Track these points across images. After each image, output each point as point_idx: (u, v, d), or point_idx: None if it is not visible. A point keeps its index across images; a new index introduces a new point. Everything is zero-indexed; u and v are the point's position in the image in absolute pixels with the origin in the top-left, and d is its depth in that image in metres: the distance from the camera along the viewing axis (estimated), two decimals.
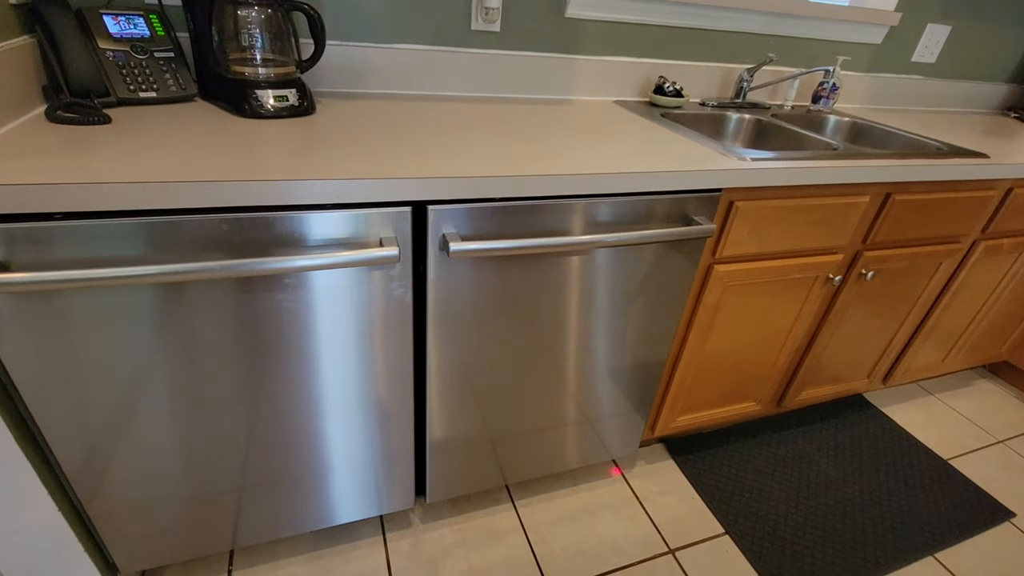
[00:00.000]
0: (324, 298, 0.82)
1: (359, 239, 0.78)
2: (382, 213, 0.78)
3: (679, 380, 1.25)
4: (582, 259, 0.95)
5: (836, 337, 1.39)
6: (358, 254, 0.75)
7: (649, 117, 1.27)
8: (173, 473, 0.89)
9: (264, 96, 0.94)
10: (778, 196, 1.04)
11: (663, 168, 0.91)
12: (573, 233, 0.91)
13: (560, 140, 1.00)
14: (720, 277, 1.10)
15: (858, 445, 1.59)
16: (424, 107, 1.14)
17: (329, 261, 0.73)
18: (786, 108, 1.55)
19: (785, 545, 1.27)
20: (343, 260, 0.74)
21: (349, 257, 0.74)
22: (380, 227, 0.79)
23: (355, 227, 0.77)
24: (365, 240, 0.79)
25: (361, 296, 0.84)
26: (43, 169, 0.64)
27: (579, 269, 0.96)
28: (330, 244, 0.77)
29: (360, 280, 0.82)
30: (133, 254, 0.68)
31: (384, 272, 0.83)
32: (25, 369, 0.71)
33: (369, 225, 0.78)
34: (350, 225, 0.77)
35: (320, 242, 0.76)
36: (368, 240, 0.79)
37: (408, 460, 1.08)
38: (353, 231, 0.77)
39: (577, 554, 1.20)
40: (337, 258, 0.74)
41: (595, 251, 0.95)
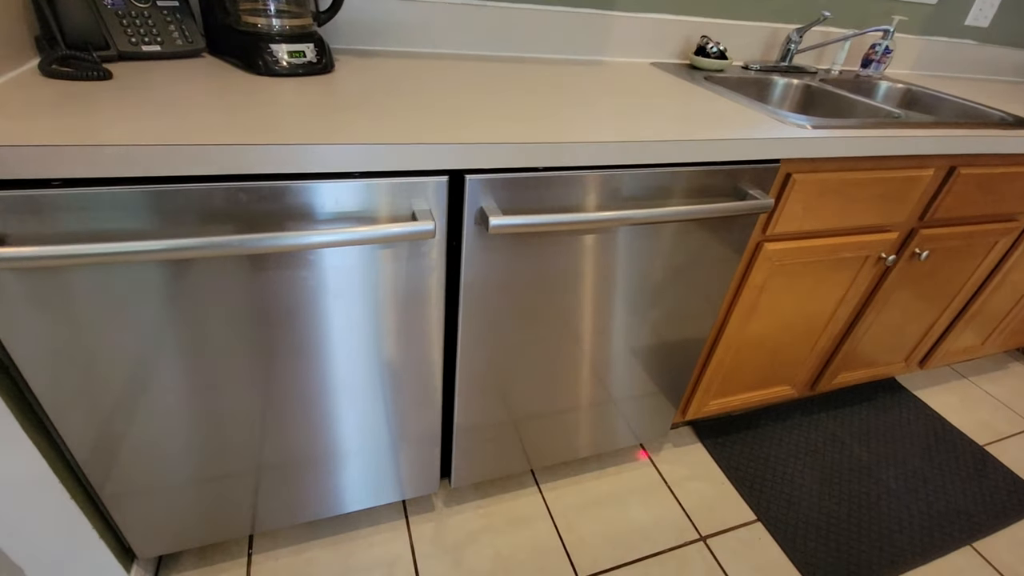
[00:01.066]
0: (348, 276, 0.75)
1: (388, 212, 0.71)
2: (414, 183, 0.70)
3: (716, 363, 1.19)
4: (623, 234, 0.87)
5: (879, 320, 1.32)
6: (390, 229, 0.67)
7: (691, 80, 1.17)
8: (188, 457, 0.84)
9: (279, 51, 0.85)
10: (838, 168, 0.96)
11: (719, 136, 0.82)
12: (618, 206, 0.83)
13: (601, 105, 0.91)
14: (769, 256, 1.02)
15: (891, 430, 1.53)
16: (449, 67, 1.04)
17: (357, 236, 0.66)
18: (833, 73, 1.44)
19: (820, 533, 1.23)
20: (373, 235, 0.67)
21: (380, 232, 0.67)
22: (411, 198, 0.71)
23: (383, 198, 0.70)
24: (394, 213, 0.71)
25: (388, 274, 0.77)
26: (38, 130, 0.56)
27: (619, 245, 0.89)
28: (356, 217, 0.70)
29: (387, 257, 0.75)
30: (140, 226, 0.61)
31: (415, 248, 0.76)
32: (27, 349, 0.65)
33: (397, 196, 0.70)
34: (378, 196, 0.69)
35: (345, 214, 0.69)
36: (398, 213, 0.71)
37: (434, 443, 1.03)
38: (381, 203, 0.70)
39: (606, 541, 1.16)
40: (366, 233, 0.66)
41: (636, 227, 0.87)
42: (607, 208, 0.82)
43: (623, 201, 0.83)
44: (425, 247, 0.76)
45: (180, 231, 0.63)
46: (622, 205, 0.83)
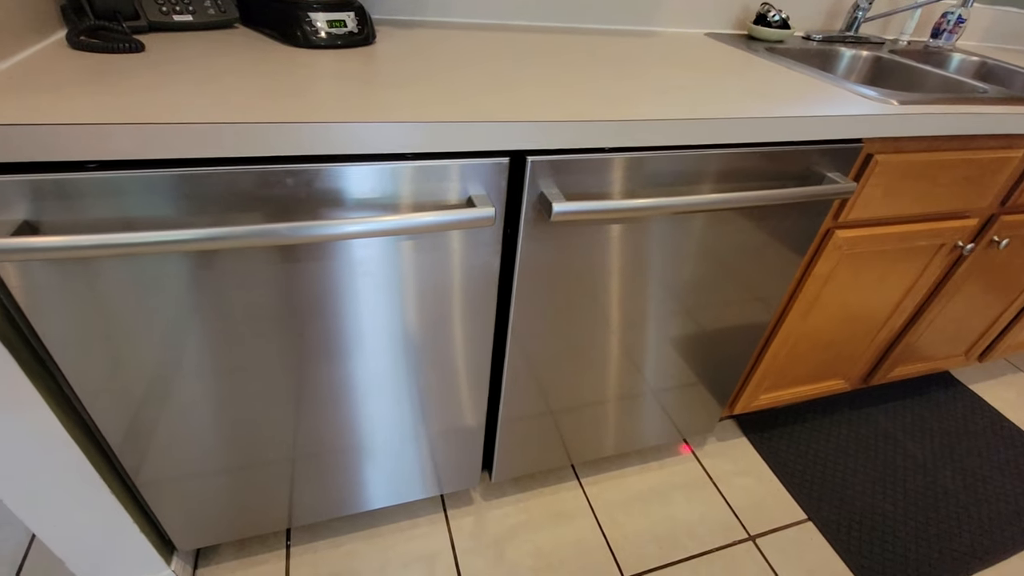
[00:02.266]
0: (395, 265, 0.70)
1: (440, 197, 0.65)
2: (470, 165, 0.64)
3: (771, 356, 1.12)
4: (686, 221, 0.81)
5: (945, 312, 1.24)
6: (449, 216, 0.61)
7: (752, 52, 1.08)
8: (225, 448, 0.81)
9: (318, 20, 0.79)
10: (924, 149, 0.87)
11: (798, 113, 0.74)
12: (684, 190, 0.76)
13: (660, 79, 0.84)
14: (839, 244, 0.94)
15: (946, 426, 1.46)
16: (493, 38, 0.97)
17: (414, 223, 0.60)
18: (902, 43, 1.33)
19: (874, 534, 1.17)
20: (431, 222, 0.61)
21: (438, 219, 0.61)
22: (465, 182, 0.65)
23: (437, 182, 0.64)
24: (447, 198, 0.65)
25: (438, 264, 0.71)
26: (72, 107, 0.51)
27: (680, 233, 0.82)
28: (406, 203, 0.64)
29: (438, 246, 0.70)
30: (179, 212, 0.56)
31: (469, 236, 0.70)
32: (62, 340, 0.61)
33: (447, 180, 0.64)
34: (431, 179, 0.63)
35: (395, 200, 0.63)
36: (449, 199, 0.66)
37: (478, 437, 0.99)
38: (434, 187, 0.64)
39: (651, 539, 1.12)
40: (424, 220, 0.61)
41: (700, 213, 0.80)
42: (671, 192, 0.75)
43: (690, 185, 0.76)
44: (481, 235, 0.70)
45: (223, 217, 0.58)
46: (689, 189, 0.76)
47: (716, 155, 0.74)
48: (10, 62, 0.61)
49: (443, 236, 0.69)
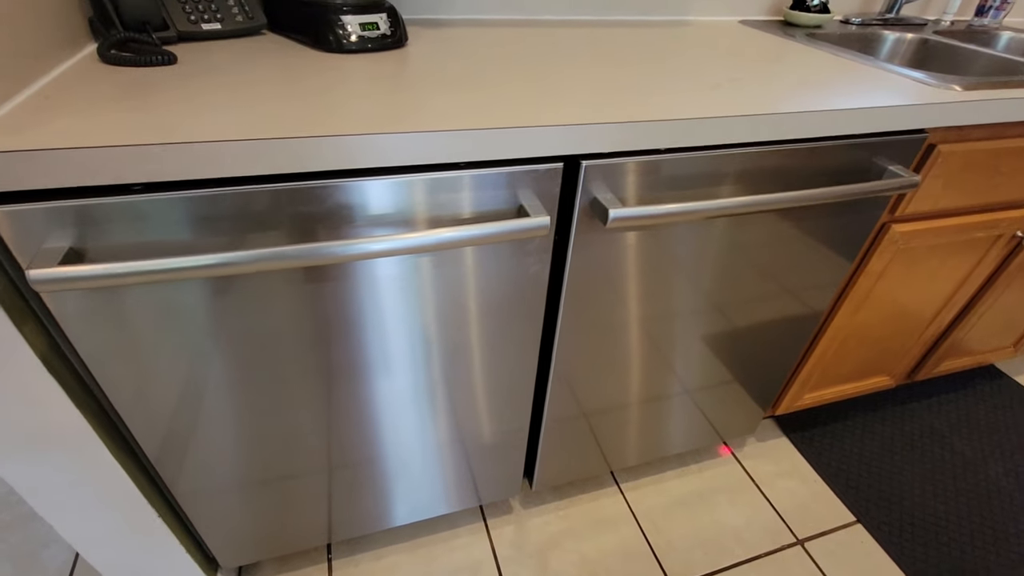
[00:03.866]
0: (444, 277, 0.67)
1: (489, 206, 0.62)
2: (521, 172, 0.61)
3: (818, 355, 1.08)
4: (741, 221, 0.77)
5: (997, 304, 1.19)
6: (499, 227, 0.58)
7: (792, 38, 1.03)
8: (269, 464, 0.79)
9: (350, 24, 0.76)
10: (988, 136, 0.83)
11: (860, 104, 0.70)
12: (743, 190, 0.72)
13: (705, 72, 0.80)
14: (895, 239, 0.90)
15: (995, 420, 1.41)
16: (526, 35, 0.94)
17: (468, 235, 0.58)
18: (944, 23, 1.27)
19: (927, 535, 1.13)
20: (485, 233, 0.58)
21: (493, 230, 0.58)
22: (515, 189, 0.62)
23: (487, 190, 0.61)
24: (496, 208, 0.63)
25: (489, 274, 0.69)
26: (114, 126, 0.49)
27: (734, 233, 0.78)
28: (457, 214, 0.61)
29: (489, 255, 0.67)
30: (233, 231, 0.54)
31: (519, 245, 0.67)
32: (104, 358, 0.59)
33: (498, 188, 0.61)
34: (481, 188, 0.60)
35: (447, 211, 0.61)
36: (499, 208, 0.63)
37: (520, 447, 0.96)
38: (484, 195, 0.61)
39: (696, 544, 1.09)
40: (479, 231, 0.58)
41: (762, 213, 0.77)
42: (727, 193, 0.72)
43: (746, 184, 0.72)
44: (531, 245, 0.67)
45: (271, 236, 0.56)
46: (745, 188, 0.72)
47: (774, 151, 0.70)
48: (45, 80, 0.59)
49: (492, 247, 0.66)
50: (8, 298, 0.51)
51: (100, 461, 0.65)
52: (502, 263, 0.68)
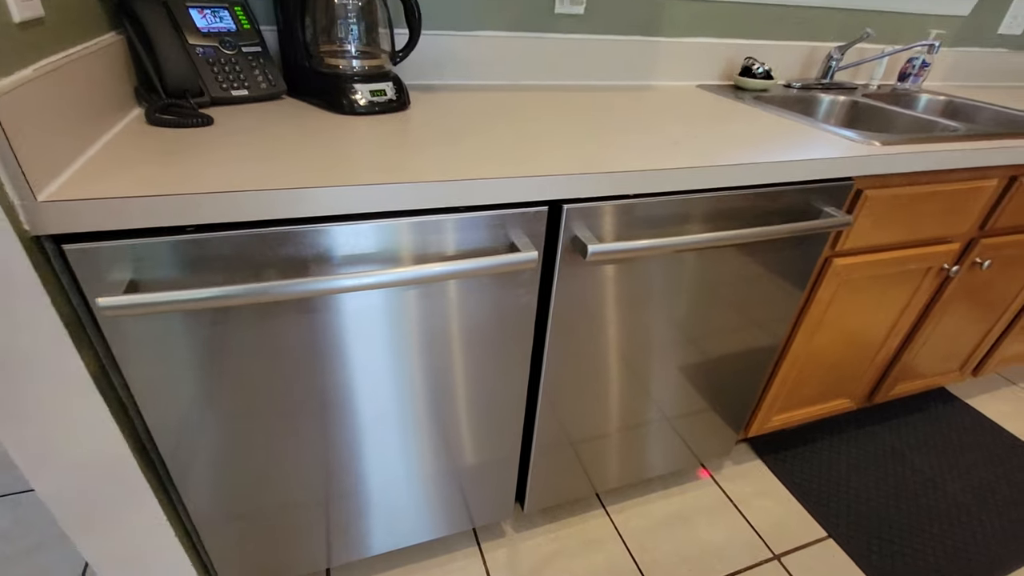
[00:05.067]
0: (448, 305, 0.76)
1: (485, 244, 0.72)
2: (512, 215, 0.72)
3: (781, 379, 1.19)
4: (703, 256, 0.89)
5: (937, 330, 1.32)
6: (496, 260, 0.69)
7: (741, 101, 1.19)
8: (276, 492, 0.85)
9: (362, 91, 0.88)
10: (906, 183, 0.97)
11: (795, 157, 0.84)
12: (700, 229, 0.84)
13: (667, 130, 0.93)
14: (838, 271, 1.03)
15: (949, 440, 1.52)
16: (512, 98, 1.07)
17: (465, 268, 0.68)
18: (872, 88, 1.47)
19: (893, 548, 1.21)
20: (480, 267, 0.68)
21: (490, 263, 0.68)
22: (508, 230, 0.73)
23: (480, 232, 0.71)
24: (492, 246, 0.73)
25: (486, 302, 0.78)
26: (168, 178, 0.59)
27: (697, 267, 0.90)
28: (456, 250, 0.71)
29: (484, 287, 0.77)
30: (265, 266, 0.63)
31: (510, 278, 0.77)
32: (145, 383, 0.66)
33: (492, 229, 0.72)
34: (475, 230, 0.71)
35: (442, 249, 0.71)
36: (495, 245, 0.73)
37: (512, 470, 1.03)
38: (481, 235, 0.72)
39: (680, 561, 1.15)
40: (474, 264, 0.68)
41: (714, 249, 0.89)
42: (687, 231, 0.83)
43: (704, 223, 0.84)
44: (521, 277, 0.77)
45: (308, 269, 0.65)
46: (703, 227, 0.84)
47: (727, 196, 0.83)
48: (105, 139, 0.69)
49: (487, 279, 0.76)
50: (72, 322, 0.58)
51: (130, 479, 0.70)
52: (497, 293, 0.78)
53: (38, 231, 0.53)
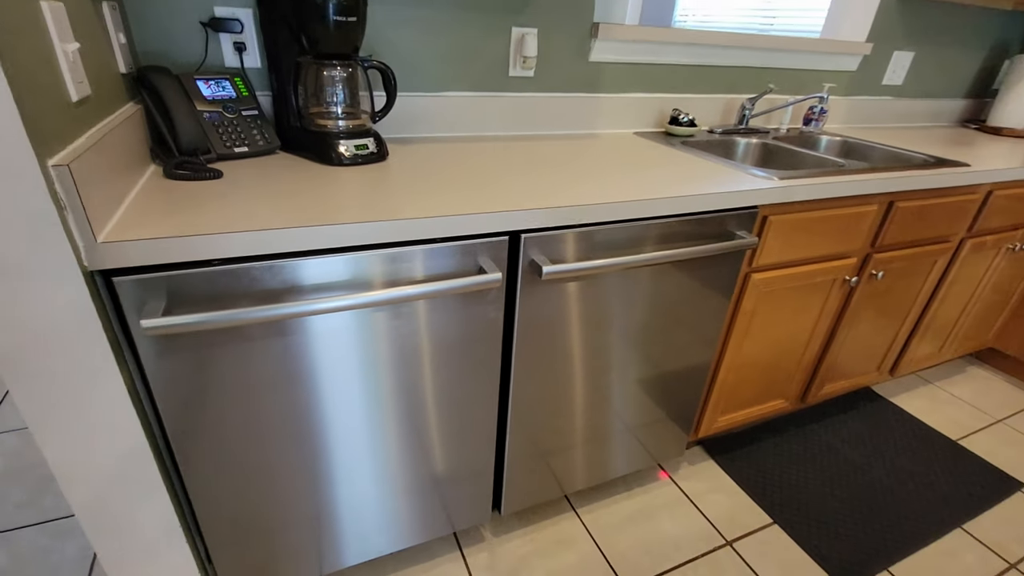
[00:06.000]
0: (427, 322, 0.90)
1: (456, 268, 0.87)
2: (479, 244, 0.87)
3: (721, 382, 1.36)
4: (638, 276, 1.06)
5: (851, 334, 1.53)
6: (468, 280, 0.84)
7: (670, 145, 1.41)
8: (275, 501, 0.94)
9: (348, 145, 1.04)
10: (802, 210, 1.18)
11: (710, 190, 1.03)
12: (636, 251, 1.02)
13: (609, 171, 1.12)
14: (756, 284, 1.22)
15: (875, 433, 1.71)
16: (474, 147, 1.25)
17: (445, 287, 0.82)
18: (782, 131, 1.72)
19: (829, 528, 1.37)
20: (457, 286, 0.83)
21: (463, 283, 0.83)
22: (475, 256, 0.88)
23: (455, 258, 0.87)
24: (463, 269, 0.88)
25: (461, 319, 0.92)
26: (194, 222, 0.72)
27: (639, 285, 1.07)
28: (431, 275, 0.86)
29: (458, 305, 0.91)
30: (278, 293, 0.76)
31: (478, 297, 0.92)
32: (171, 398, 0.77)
33: (464, 255, 0.87)
34: (451, 256, 0.86)
35: (424, 273, 0.85)
36: (466, 269, 0.88)
37: (488, 475, 1.15)
38: (453, 262, 0.87)
39: (644, 553, 1.27)
40: (452, 284, 0.83)
41: (651, 268, 1.06)
42: (627, 253, 1.01)
43: (641, 247, 1.02)
44: (489, 295, 0.92)
45: (313, 293, 0.78)
46: (640, 250, 1.02)
47: (658, 224, 1.01)
48: (134, 192, 0.81)
49: (462, 297, 0.90)
50: (114, 343, 0.70)
51: (153, 485, 0.80)
52: (471, 310, 0.92)
53: (94, 267, 0.65)
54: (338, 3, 0.93)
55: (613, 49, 1.44)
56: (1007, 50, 2.17)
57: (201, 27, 1.05)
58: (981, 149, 1.69)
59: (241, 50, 1.09)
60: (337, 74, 1.04)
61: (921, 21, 1.87)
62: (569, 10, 1.35)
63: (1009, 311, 1.94)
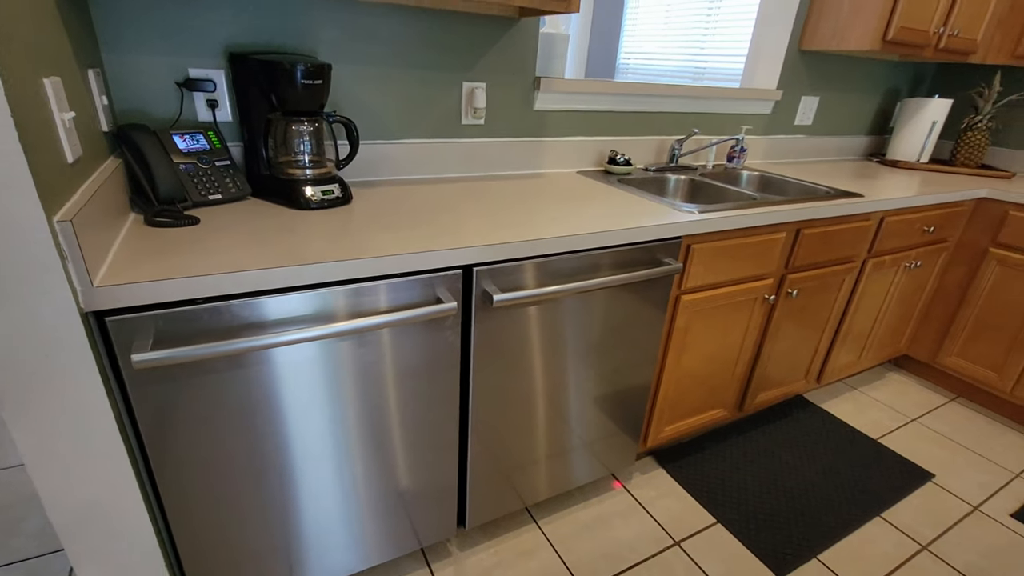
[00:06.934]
0: (390, 348, 1.00)
1: (418, 299, 0.99)
2: (436, 277, 0.99)
3: (663, 395, 1.50)
4: (582, 301, 1.20)
5: (777, 346, 1.71)
6: (428, 309, 0.95)
7: (608, 183, 1.58)
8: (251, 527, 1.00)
9: (315, 192, 1.15)
10: (721, 238, 1.36)
11: (639, 224, 1.19)
12: (578, 279, 1.15)
13: (551, 207, 1.27)
14: (686, 305, 1.38)
15: (807, 437, 1.89)
16: (432, 188, 1.38)
17: (407, 316, 0.93)
18: (708, 168, 1.93)
19: (766, 524, 1.50)
20: (417, 315, 0.94)
21: (423, 312, 0.94)
22: (434, 288, 1.00)
23: (415, 290, 0.98)
24: (423, 300, 0.99)
25: (421, 344, 1.03)
26: (177, 266, 0.81)
27: (583, 309, 1.20)
28: (392, 306, 0.97)
29: (420, 331, 1.02)
30: (256, 326, 0.85)
31: (437, 324, 1.03)
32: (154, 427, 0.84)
33: (423, 288, 0.98)
34: (411, 289, 0.97)
35: (387, 304, 0.96)
36: (425, 299, 0.99)
37: (452, 491, 1.23)
38: (413, 294, 0.98)
39: (600, 557, 1.37)
40: (413, 313, 0.94)
41: (593, 293, 1.20)
42: (570, 281, 1.14)
43: (580, 275, 1.16)
44: (447, 322, 1.03)
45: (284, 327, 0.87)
46: (581, 278, 1.16)
47: (596, 254, 1.15)
48: (119, 240, 0.89)
49: (421, 325, 1.01)
50: (105, 377, 0.77)
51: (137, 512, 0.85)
52: (432, 336, 1.03)
53: (90, 309, 0.73)
54: (305, 69, 1.06)
55: (554, 99, 1.62)
56: (899, 93, 2.50)
57: (176, 87, 1.15)
58: (879, 180, 1.94)
59: (214, 106, 1.19)
60: (304, 128, 1.15)
61: (822, 71, 2.15)
62: (514, 67, 1.52)
63: (915, 321, 2.18)
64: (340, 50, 1.28)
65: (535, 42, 1.52)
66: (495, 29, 1.45)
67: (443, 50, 1.40)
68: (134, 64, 1.10)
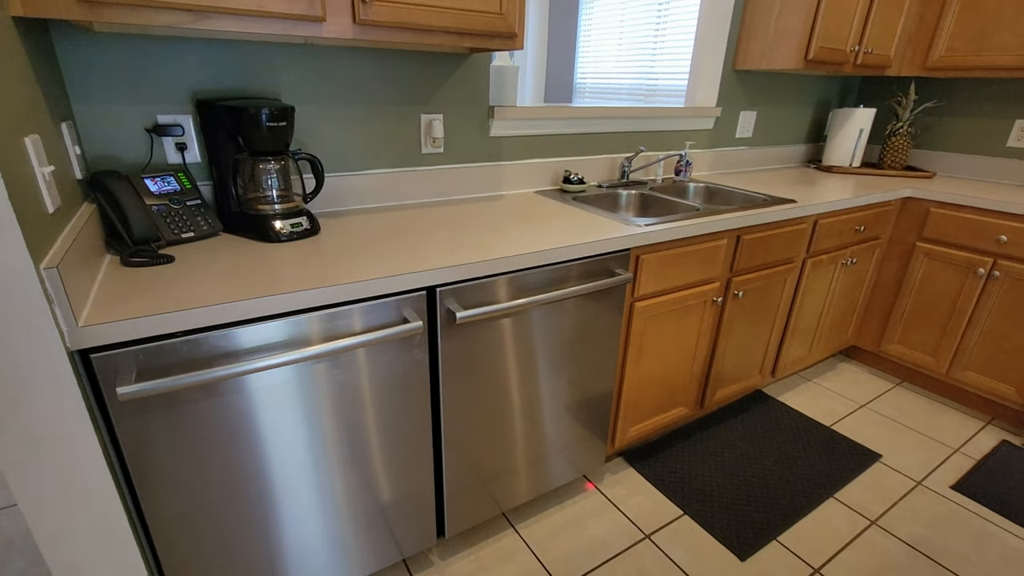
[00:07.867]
0: (361, 368, 1.07)
1: (386, 321, 1.06)
2: (402, 299, 1.07)
3: (626, 397, 1.59)
4: (543, 313, 1.29)
5: (730, 345, 1.83)
6: (395, 329, 1.03)
7: (564, 201, 1.68)
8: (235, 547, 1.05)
9: (285, 225, 1.22)
10: (667, 248, 1.47)
11: (589, 239, 1.29)
12: (537, 292, 1.25)
13: (510, 227, 1.36)
14: (640, 311, 1.48)
15: (766, 428, 2.01)
16: (396, 215, 1.46)
17: (375, 337, 1.00)
18: (658, 182, 2.07)
19: (729, 512, 1.60)
20: (385, 335, 1.01)
21: (390, 332, 1.02)
22: (400, 310, 1.07)
23: (383, 312, 1.05)
24: (390, 321, 1.07)
25: (391, 362, 1.10)
26: (155, 302, 0.87)
27: (541, 322, 1.29)
28: (364, 327, 1.04)
29: (388, 350, 1.09)
30: (235, 354, 0.91)
31: (405, 342, 1.10)
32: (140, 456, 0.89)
33: (390, 310, 1.06)
34: (379, 311, 1.05)
35: (358, 327, 1.03)
36: (393, 320, 1.07)
37: (430, 502, 1.30)
38: (381, 315, 1.05)
39: (576, 555, 1.44)
40: (380, 334, 1.01)
41: (553, 305, 1.29)
42: (529, 295, 1.23)
43: (539, 289, 1.25)
44: (414, 340, 1.11)
45: (259, 353, 0.94)
46: (539, 292, 1.25)
47: (552, 269, 1.25)
48: (97, 281, 0.95)
49: (390, 344, 1.08)
50: (91, 411, 0.82)
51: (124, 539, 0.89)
52: (400, 355, 1.11)
53: (75, 347, 0.79)
54: (269, 112, 1.13)
55: (509, 126, 1.72)
56: (830, 103, 2.70)
57: (146, 132, 1.21)
58: (815, 186, 2.10)
59: (183, 149, 1.26)
60: (271, 166, 1.23)
61: (757, 87, 2.33)
62: (468, 98, 1.62)
63: (859, 313, 2.34)
64: (302, 91, 1.36)
65: (487, 75, 1.63)
66: (448, 65, 1.55)
67: (400, 85, 1.50)
68: (104, 113, 1.16)
